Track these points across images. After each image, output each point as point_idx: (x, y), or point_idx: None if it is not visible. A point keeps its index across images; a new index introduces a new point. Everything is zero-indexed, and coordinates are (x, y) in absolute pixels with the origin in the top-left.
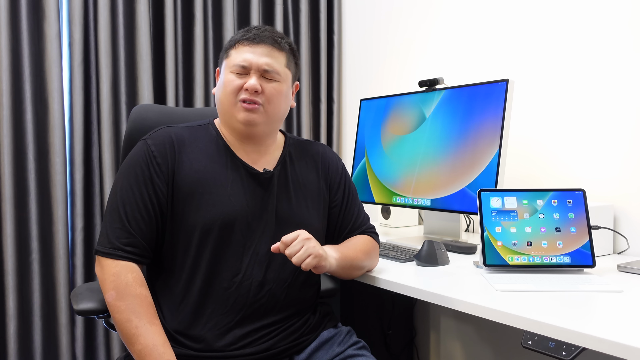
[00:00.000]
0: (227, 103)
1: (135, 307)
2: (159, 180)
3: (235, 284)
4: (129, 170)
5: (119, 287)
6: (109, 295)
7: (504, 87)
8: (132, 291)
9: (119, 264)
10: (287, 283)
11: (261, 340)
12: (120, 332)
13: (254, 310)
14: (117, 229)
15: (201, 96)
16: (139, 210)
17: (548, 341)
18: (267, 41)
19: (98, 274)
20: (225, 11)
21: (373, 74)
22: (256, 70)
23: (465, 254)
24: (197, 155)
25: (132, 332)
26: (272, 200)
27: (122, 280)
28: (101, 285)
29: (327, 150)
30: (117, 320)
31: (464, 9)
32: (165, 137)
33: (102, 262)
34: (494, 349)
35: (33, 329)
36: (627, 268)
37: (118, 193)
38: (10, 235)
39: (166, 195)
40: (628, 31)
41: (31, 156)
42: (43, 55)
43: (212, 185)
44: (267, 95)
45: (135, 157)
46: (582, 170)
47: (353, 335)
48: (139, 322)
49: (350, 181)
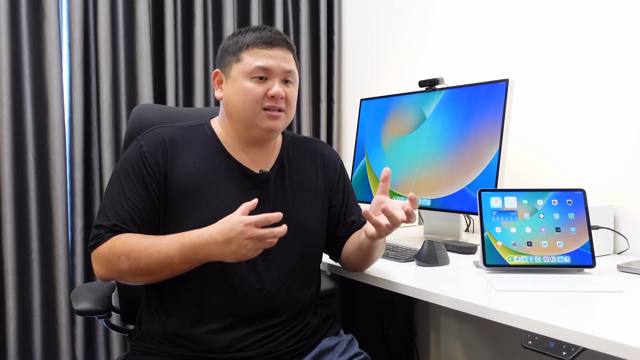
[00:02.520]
0: (249, 112)
1: (140, 242)
2: (152, 180)
3: (231, 288)
4: (121, 170)
5: (122, 250)
6: (121, 263)
7: (504, 87)
8: (132, 239)
9: (109, 240)
10: (285, 286)
11: (260, 344)
12: (157, 271)
13: (251, 314)
14: (103, 225)
15: (201, 96)
16: (128, 210)
17: (548, 341)
18: (282, 43)
19: (99, 267)
20: (225, 11)
21: (373, 74)
22: (278, 75)
23: (465, 254)
24: (190, 156)
25: (161, 256)
26: (269, 202)
27: (118, 245)
28: (108, 269)
29: (326, 147)
30: (146, 267)
31: (464, 9)
32: (158, 137)
33: (97, 252)
34: (494, 349)
35: (33, 329)
36: (627, 268)
37: (109, 193)
38: (10, 235)
39: (159, 196)
40: (628, 31)
41: (31, 156)
42: (43, 55)
43: (205, 186)
44: (289, 100)
45: (128, 157)
46: (582, 170)
47: (355, 345)
48: (154, 243)
49: (348, 179)
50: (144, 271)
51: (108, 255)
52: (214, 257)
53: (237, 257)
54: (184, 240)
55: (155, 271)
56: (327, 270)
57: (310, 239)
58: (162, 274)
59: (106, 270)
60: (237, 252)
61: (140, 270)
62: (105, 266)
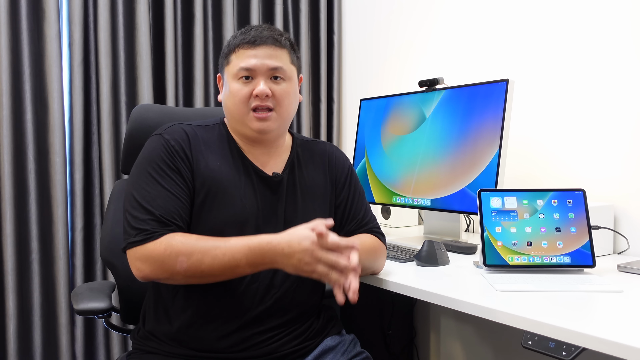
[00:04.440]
0: (239, 113)
1: (201, 243)
2: (186, 168)
3: (239, 290)
4: (149, 164)
5: (181, 250)
6: (179, 264)
7: (504, 87)
8: (192, 240)
9: (164, 238)
10: (293, 288)
11: (264, 344)
12: (219, 274)
13: (258, 314)
14: (151, 220)
15: (201, 96)
16: (172, 203)
17: (548, 341)
18: (268, 41)
19: (147, 265)
20: (225, 11)
21: (373, 74)
22: (263, 74)
23: (465, 254)
24: (211, 155)
25: (226, 259)
26: (281, 204)
27: (176, 245)
28: (158, 269)
29: (335, 149)
30: (208, 269)
31: (464, 9)
32: (181, 132)
33: (146, 250)
34: (494, 349)
35: (33, 329)
36: (627, 268)
37: (142, 189)
38: (10, 235)
39: (193, 185)
40: (628, 31)
41: (31, 156)
42: (43, 55)
43: (227, 186)
44: (278, 98)
45: (155, 151)
46: (582, 170)
47: (357, 344)
48: (218, 245)
49: (358, 181)
50: (204, 273)
51: (163, 255)
52: (278, 265)
53: (297, 271)
54: (252, 244)
55: (216, 273)
56: None
57: None
58: (223, 277)
59: (156, 270)
60: (298, 268)
61: (200, 272)
62: (156, 265)
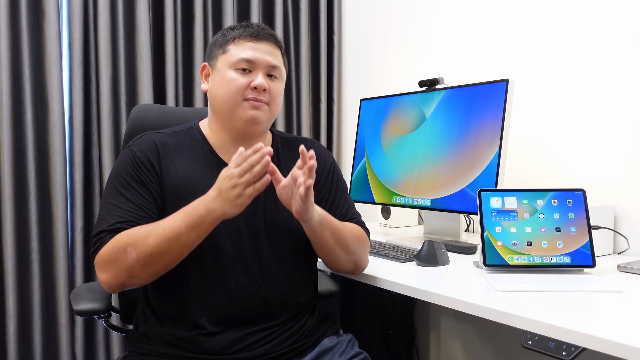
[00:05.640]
0: (231, 102)
1: (143, 229)
2: (152, 180)
3: (228, 292)
4: (117, 178)
5: (127, 242)
6: (128, 255)
7: (504, 87)
8: (134, 230)
9: (111, 240)
10: (282, 288)
11: (258, 344)
12: (166, 250)
13: (249, 316)
14: (104, 229)
15: (201, 96)
16: (130, 212)
17: (548, 341)
18: (270, 39)
19: (105, 272)
20: (225, 11)
21: (373, 74)
22: (262, 68)
23: (465, 254)
24: (182, 161)
25: (167, 232)
26: (260, 204)
27: (121, 239)
28: (115, 270)
29: (316, 145)
30: (154, 249)
31: (464, 9)
32: (149, 142)
33: (100, 256)
34: (494, 349)
35: (33, 329)
36: (627, 268)
37: (107, 202)
38: (10, 235)
39: (160, 195)
40: (628, 31)
41: (31, 156)
42: (43, 55)
43: (199, 191)
44: (272, 94)
45: (122, 165)
46: (582, 170)
47: (355, 345)
48: (158, 224)
49: (340, 176)
50: (154, 255)
51: (113, 253)
52: (217, 214)
53: (234, 205)
54: (186, 208)
55: (164, 250)
56: (327, 271)
57: (302, 239)
58: (173, 253)
59: (114, 272)
60: (231, 201)
61: (150, 255)
62: (111, 267)
